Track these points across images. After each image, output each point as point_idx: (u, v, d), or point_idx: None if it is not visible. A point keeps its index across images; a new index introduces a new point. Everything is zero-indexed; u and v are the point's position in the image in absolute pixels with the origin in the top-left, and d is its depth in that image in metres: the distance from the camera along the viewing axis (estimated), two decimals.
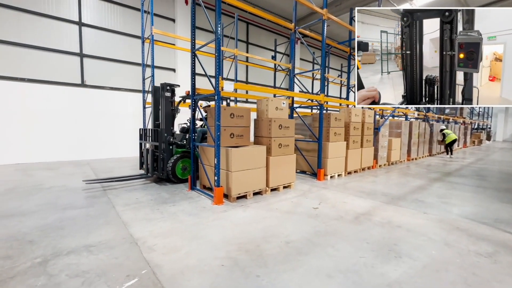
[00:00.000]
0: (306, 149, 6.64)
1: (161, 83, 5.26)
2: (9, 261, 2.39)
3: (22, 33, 7.75)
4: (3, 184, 5.32)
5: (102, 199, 4.33)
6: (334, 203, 4.33)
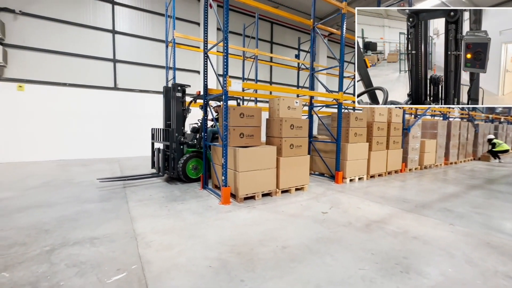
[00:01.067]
0: (324, 150, 6.34)
1: (172, 84, 5.40)
2: (23, 247, 2.63)
3: (65, 42, 8.63)
4: (42, 178, 5.95)
5: (120, 195, 4.59)
6: (346, 208, 4.05)
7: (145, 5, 9.98)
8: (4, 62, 7.57)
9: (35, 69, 8.23)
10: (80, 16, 8.83)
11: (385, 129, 6.64)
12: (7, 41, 7.76)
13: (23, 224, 3.23)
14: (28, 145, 8.16)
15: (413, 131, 7.54)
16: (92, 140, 9.08)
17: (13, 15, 7.84)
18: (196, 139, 5.75)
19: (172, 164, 5.36)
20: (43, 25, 8.27)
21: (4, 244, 2.69)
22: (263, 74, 13.22)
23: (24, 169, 6.89)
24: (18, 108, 7.99)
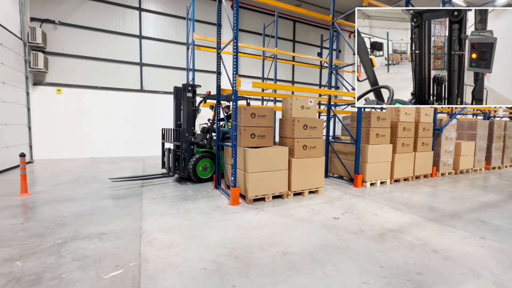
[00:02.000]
0: (344, 152, 6.02)
1: (183, 84, 5.46)
2: (40, 239, 2.83)
3: (97, 48, 9.29)
4: (73, 174, 6.44)
5: (136, 192, 4.79)
6: (361, 214, 3.77)
7: (170, 10, 10.38)
8: (45, 69, 8.36)
9: (71, 74, 8.97)
10: (111, 24, 9.45)
11: (412, 129, 6.12)
12: (48, 49, 8.56)
13: (46, 217, 3.49)
14: (65, 144, 8.92)
15: (446, 132, 6.86)
16: (120, 139, 9.65)
17: (53, 25, 8.63)
18: (206, 139, 5.75)
19: (182, 164, 5.39)
20: (79, 33, 8.99)
21: (25, 235, 2.92)
22: (285, 74, 13.02)
23: (59, 166, 7.54)
24: (57, 110, 8.77)
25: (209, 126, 5.83)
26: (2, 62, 6.62)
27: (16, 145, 7.28)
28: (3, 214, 3.58)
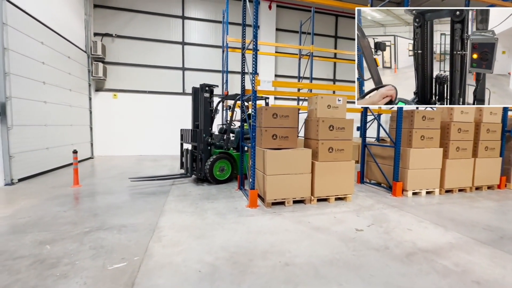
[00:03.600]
0: (382, 156, 5.39)
1: (200, 84, 5.41)
2: (72, 226, 3.20)
3: (147, 56, 10.24)
4: (120, 169, 7.19)
5: (165, 189, 5.08)
6: (391, 228, 3.29)
7: (209, 16, 10.84)
8: (104, 76, 9.58)
9: (125, 80, 10.09)
10: (158, 33, 10.32)
11: (471, 131, 5.13)
12: (107, 59, 9.78)
13: (84, 207, 3.95)
14: (118, 142, 10.07)
15: None
16: (164, 139, 10.44)
17: (111, 38, 9.84)
18: (223, 140, 5.67)
19: (199, 165, 5.33)
20: (131, 44, 10.06)
21: (62, 222, 3.33)
22: (326, 72, 12.39)
23: (112, 162, 8.53)
24: (113, 113, 9.96)
25: (227, 127, 5.73)
26: (70, 72, 7.80)
27: (80, 142, 8.49)
28: (54, 202, 4.17)
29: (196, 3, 10.69)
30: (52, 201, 4.19)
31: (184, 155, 5.75)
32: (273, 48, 11.04)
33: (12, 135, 5.26)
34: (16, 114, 5.37)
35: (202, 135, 5.31)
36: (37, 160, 6.09)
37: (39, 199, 4.31)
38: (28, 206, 3.94)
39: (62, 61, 7.38)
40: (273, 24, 11.18)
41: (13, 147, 5.28)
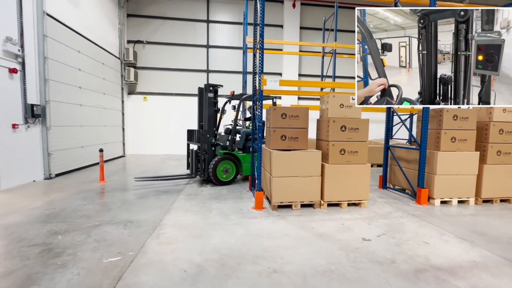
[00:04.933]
0: (407, 159, 4.92)
1: (205, 84, 5.36)
2: (85, 219, 3.45)
3: (173, 60, 10.75)
4: (144, 168, 7.63)
5: (179, 188, 5.25)
6: (404, 239, 2.96)
7: (233, 18, 10.99)
8: (135, 81, 10.27)
9: (154, 84, 10.70)
10: (184, 37, 10.76)
11: None
12: (138, 64, 10.48)
13: (102, 202, 4.24)
14: (148, 142, 10.71)
15: None
16: None
17: (142, 45, 10.52)
18: (228, 140, 5.57)
19: (203, 166, 5.26)
20: (160, 49, 10.64)
21: (79, 214, 3.62)
22: (351, 70, 11.74)
23: (139, 160, 9.09)
24: (143, 114, 10.64)
25: (232, 127, 5.64)
26: (104, 77, 8.51)
27: (112, 142, 9.21)
28: (79, 196, 4.55)
29: (220, 7, 10.93)
30: (77, 195, 4.58)
31: (190, 156, 5.72)
32: (297, 47, 10.82)
33: (51, 134, 5.89)
34: (54, 116, 6.00)
35: (206, 136, 5.26)
36: (72, 158, 6.73)
37: (67, 193, 4.75)
38: (56, 199, 4.36)
39: (97, 67, 8.08)
40: (297, 23, 10.95)
41: (51, 145, 5.90)
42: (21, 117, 5.21)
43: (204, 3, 10.79)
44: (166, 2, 10.46)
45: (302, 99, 11.26)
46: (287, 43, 10.29)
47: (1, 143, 4.76)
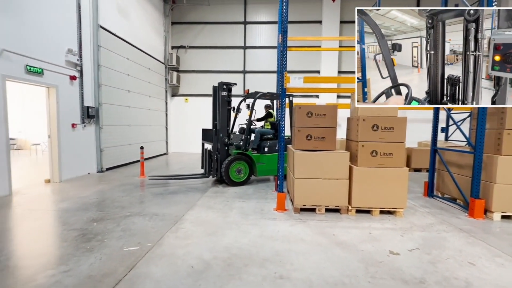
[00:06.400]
0: (458, 164, 4.23)
1: (218, 82, 5.27)
2: (119, 209, 3.79)
3: (212, 62, 11.21)
4: (182, 165, 8.11)
5: (207, 185, 5.43)
6: (442, 257, 2.53)
7: (271, 18, 10.94)
8: (178, 83, 11.01)
9: (194, 86, 11.32)
10: (222, 40, 11.12)
11: None
12: (180, 68, 11.21)
13: (137, 195, 4.62)
14: (188, 141, 11.37)
15: None
16: None
17: (184, 50, 11.22)
18: (242, 140, 5.40)
19: (215, 166, 5.17)
20: (200, 53, 11.20)
21: (116, 205, 4.00)
22: None
23: (180, 158, 9.70)
24: (184, 115, 11.34)
25: (246, 127, 5.45)
26: (150, 81, 9.31)
27: (157, 140, 10.02)
28: (120, 188, 5.04)
29: (257, 8, 11.00)
30: (119, 188, 5.08)
31: (204, 155, 5.67)
32: (336, 42, 10.27)
33: (103, 133, 6.67)
34: (106, 116, 6.78)
35: (219, 135, 5.16)
36: (121, 154, 7.52)
37: (112, 185, 5.31)
38: (102, 190, 4.90)
39: (144, 72, 8.89)
40: (336, 17, 10.39)
41: (103, 142, 6.68)
42: (79, 117, 6.02)
43: (241, 6, 11.00)
44: (206, 7, 10.96)
45: (341, 97, 10.64)
46: (324, 38, 9.83)
47: (63, 140, 5.56)
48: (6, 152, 4.39)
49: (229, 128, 5.36)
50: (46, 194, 4.61)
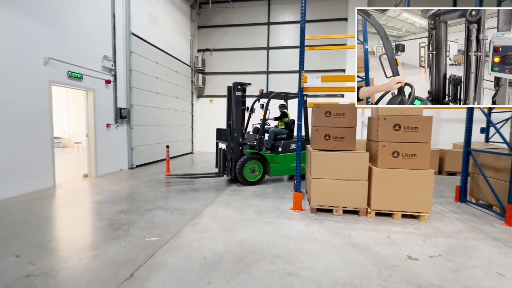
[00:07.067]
0: (495, 168, 3.88)
1: (233, 83, 5.31)
2: (145, 203, 4.07)
3: (235, 64, 11.44)
4: (206, 163, 8.39)
5: (225, 184, 5.57)
6: (466, 266, 2.36)
7: (295, 17, 10.89)
8: (203, 85, 11.41)
9: (219, 87, 11.63)
10: (246, 42, 11.30)
11: None
12: (206, 70, 11.60)
13: (162, 190, 4.91)
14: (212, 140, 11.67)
15: None
16: None
17: (209, 52, 11.60)
18: (256, 139, 5.40)
19: (229, 165, 5.23)
20: (224, 55, 11.50)
21: (142, 199, 4.30)
22: None
23: (205, 157, 10.05)
24: (209, 115, 11.71)
25: (260, 126, 5.45)
26: (177, 83, 9.79)
27: (183, 140, 10.48)
28: (147, 184, 5.39)
29: (280, 8, 11.01)
30: (146, 183, 5.44)
31: (218, 154, 5.74)
32: None
33: (133, 133, 7.17)
34: (136, 117, 7.28)
35: (234, 135, 5.23)
36: (149, 152, 8.01)
37: (140, 180, 5.70)
38: (130, 185, 5.29)
39: (171, 75, 9.36)
40: None
41: (134, 141, 7.18)
42: (113, 118, 6.54)
43: (265, 7, 11.08)
44: (230, 10, 11.22)
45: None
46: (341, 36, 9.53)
47: (99, 139, 6.09)
48: (51, 150, 4.94)
49: (243, 128, 5.43)
50: (84, 188, 5.09)
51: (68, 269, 2.21)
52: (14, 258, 2.37)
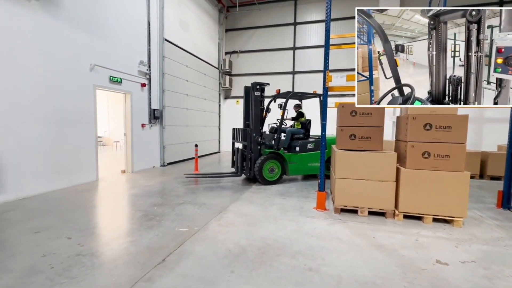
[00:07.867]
0: None
1: (252, 82, 5.32)
2: (175, 198, 4.35)
3: (262, 65, 11.58)
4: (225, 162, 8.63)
5: (253, 181, 5.71)
6: (501, 274, 2.21)
7: (321, 16, 10.73)
8: (230, 86, 11.73)
9: None
10: (272, 43, 11.39)
11: None
12: (233, 72, 11.91)
13: (190, 187, 5.19)
14: None
15: None
16: None
17: (236, 54, 11.89)
18: (274, 139, 5.38)
19: (249, 165, 5.29)
20: (251, 56, 11.70)
21: (173, 194, 4.60)
22: None
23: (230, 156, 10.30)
24: (235, 116, 11.97)
25: (278, 126, 5.46)
26: (205, 85, 10.20)
27: (210, 139, 10.88)
28: (177, 180, 5.74)
29: (307, 8, 10.93)
30: (176, 180, 5.78)
31: (235, 154, 5.78)
32: None
33: (165, 132, 7.64)
34: (168, 117, 7.74)
35: (252, 135, 5.25)
36: (179, 151, 8.46)
37: (171, 177, 6.07)
38: (162, 181, 5.67)
39: (200, 77, 9.78)
40: None
41: (165, 140, 7.65)
42: (147, 118, 7.04)
43: (291, 7, 11.08)
44: (257, 12, 11.40)
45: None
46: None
47: (135, 138, 6.60)
48: (95, 147, 5.49)
49: (261, 127, 5.45)
50: (122, 182, 5.57)
51: (110, 251, 2.49)
52: (66, 240, 2.73)
